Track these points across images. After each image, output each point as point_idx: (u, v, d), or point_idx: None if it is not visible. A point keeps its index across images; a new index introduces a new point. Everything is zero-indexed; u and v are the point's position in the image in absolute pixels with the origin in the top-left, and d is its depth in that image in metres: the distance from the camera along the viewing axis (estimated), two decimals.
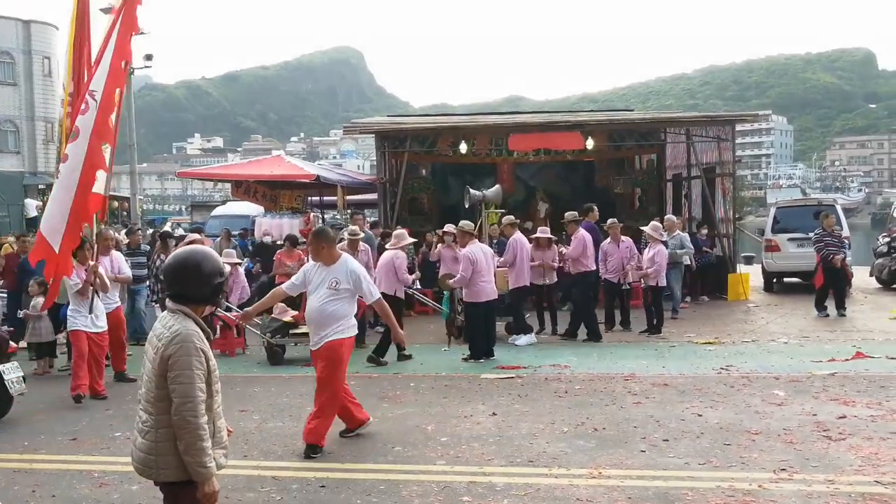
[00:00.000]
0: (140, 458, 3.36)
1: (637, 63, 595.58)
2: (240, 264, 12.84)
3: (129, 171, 29.51)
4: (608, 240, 12.13)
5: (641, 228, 12.80)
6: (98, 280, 8.40)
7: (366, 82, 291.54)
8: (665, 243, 12.12)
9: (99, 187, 8.02)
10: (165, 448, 3.26)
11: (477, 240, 10.35)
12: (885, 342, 10.34)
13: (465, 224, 10.50)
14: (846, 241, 13.22)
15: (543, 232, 12.34)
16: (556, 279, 12.30)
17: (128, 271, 9.65)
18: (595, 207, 13.35)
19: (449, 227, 12.65)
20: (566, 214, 12.05)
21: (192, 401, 3.21)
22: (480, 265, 9.88)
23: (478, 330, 10.00)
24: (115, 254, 9.57)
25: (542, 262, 11.89)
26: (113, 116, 8.09)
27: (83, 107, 7.99)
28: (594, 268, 11.60)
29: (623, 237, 12.19)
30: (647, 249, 11.94)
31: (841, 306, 12.93)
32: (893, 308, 13.09)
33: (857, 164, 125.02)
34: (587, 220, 13.03)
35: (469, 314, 10.17)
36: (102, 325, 8.57)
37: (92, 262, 8.47)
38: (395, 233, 11.34)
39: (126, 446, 6.54)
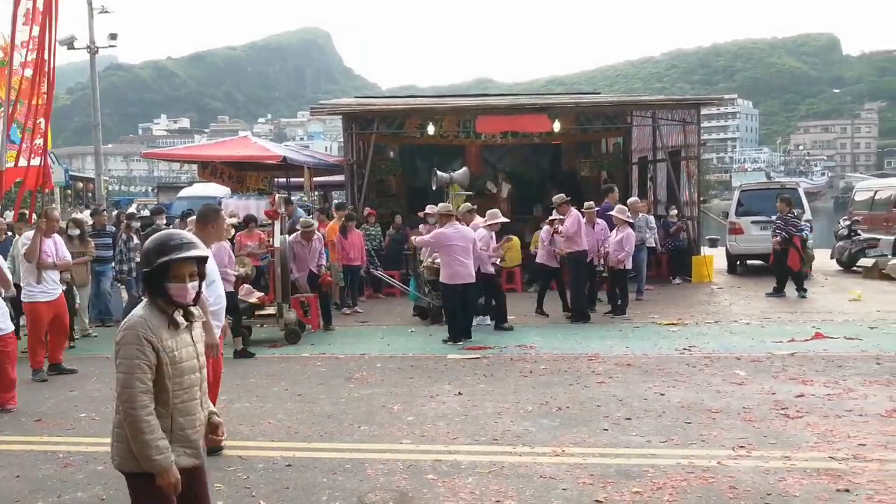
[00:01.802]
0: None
1: (605, 46, 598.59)
2: None
3: (94, 152, 29.03)
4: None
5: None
6: None
7: (334, 63, 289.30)
8: (632, 225, 12.22)
9: None
10: (119, 435, 3.15)
11: (457, 221, 10.34)
12: (844, 323, 10.56)
13: (443, 206, 10.59)
14: (795, 223, 13.42)
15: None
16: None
17: (67, 254, 9.06)
18: (615, 188, 13.31)
19: (430, 209, 12.65)
20: (554, 198, 12.03)
21: (129, 390, 3.02)
22: (454, 245, 9.91)
23: (455, 311, 10.03)
24: (57, 237, 8.95)
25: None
26: None
27: None
28: (586, 247, 11.61)
29: (598, 219, 12.29)
30: (614, 232, 12.03)
31: (799, 288, 13.22)
32: (853, 290, 13.35)
33: (821, 149, 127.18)
34: (607, 201, 13.13)
35: (445, 295, 10.21)
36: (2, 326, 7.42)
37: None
38: (489, 212, 11.28)
39: (91, 427, 6.54)
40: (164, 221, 12.82)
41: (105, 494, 5.00)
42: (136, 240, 11.60)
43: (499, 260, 11.39)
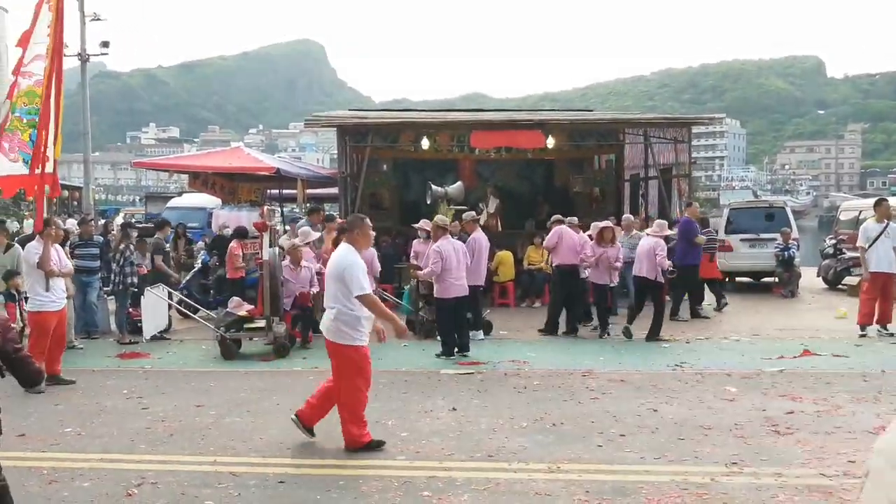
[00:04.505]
0: None
1: (597, 63, 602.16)
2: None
3: (83, 160, 28.89)
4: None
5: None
6: None
7: (326, 75, 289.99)
8: (667, 239, 11.87)
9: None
10: None
11: (450, 235, 10.36)
12: (831, 340, 10.66)
13: (440, 219, 10.57)
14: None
15: (604, 223, 11.89)
16: (617, 280, 12.09)
17: (68, 263, 9.10)
18: (694, 203, 13.38)
19: (423, 224, 12.65)
20: (554, 217, 12.05)
21: None
22: (450, 261, 9.92)
23: (447, 326, 10.03)
24: (57, 245, 8.95)
25: (605, 257, 11.49)
26: None
27: None
28: (576, 262, 11.56)
29: (581, 233, 12.29)
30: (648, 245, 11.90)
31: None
32: (839, 308, 13.45)
33: (806, 168, 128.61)
34: (686, 215, 13.22)
35: (438, 310, 10.22)
36: None
37: None
38: (656, 221, 11.59)
39: (77, 442, 6.45)
40: (170, 235, 12.60)
41: None
42: (133, 251, 11.51)
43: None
